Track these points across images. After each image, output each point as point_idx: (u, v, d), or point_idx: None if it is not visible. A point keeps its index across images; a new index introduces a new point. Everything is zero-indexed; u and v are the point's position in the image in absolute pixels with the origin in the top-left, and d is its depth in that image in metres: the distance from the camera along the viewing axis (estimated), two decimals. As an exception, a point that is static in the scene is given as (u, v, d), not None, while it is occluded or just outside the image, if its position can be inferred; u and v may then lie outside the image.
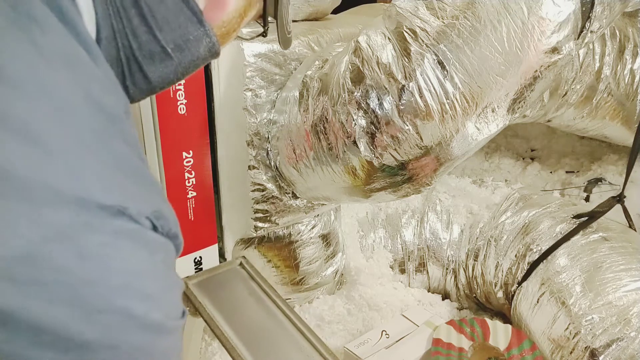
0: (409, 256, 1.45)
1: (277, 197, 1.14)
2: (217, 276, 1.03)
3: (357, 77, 0.88)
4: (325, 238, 1.30)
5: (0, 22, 0.30)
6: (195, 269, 1.10)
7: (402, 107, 0.83)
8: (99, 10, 0.38)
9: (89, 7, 0.37)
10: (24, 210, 0.28)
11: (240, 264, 1.05)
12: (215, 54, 0.48)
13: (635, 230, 1.25)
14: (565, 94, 1.39)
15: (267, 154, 1.10)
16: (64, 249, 0.28)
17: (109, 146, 0.33)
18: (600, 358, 0.98)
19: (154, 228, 0.34)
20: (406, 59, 0.83)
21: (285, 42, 0.59)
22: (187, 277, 0.95)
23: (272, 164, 1.11)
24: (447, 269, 1.43)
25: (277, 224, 1.18)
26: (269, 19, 0.54)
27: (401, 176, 0.91)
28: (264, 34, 0.56)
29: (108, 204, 0.30)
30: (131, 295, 0.31)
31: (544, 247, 1.22)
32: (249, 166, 1.09)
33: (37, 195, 0.28)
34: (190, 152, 1.01)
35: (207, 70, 0.99)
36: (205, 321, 0.91)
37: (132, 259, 0.32)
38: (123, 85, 0.44)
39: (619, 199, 1.21)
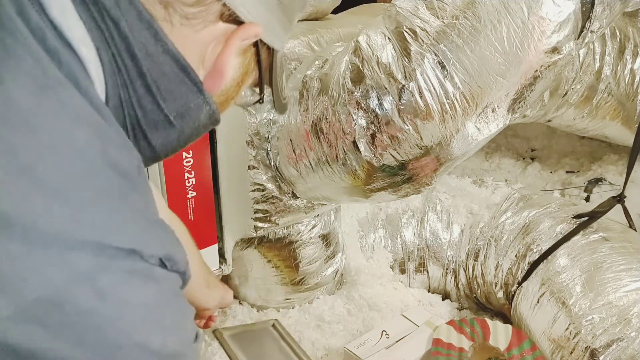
0: (409, 256, 1.45)
1: (277, 197, 1.13)
2: (251, 332, 1.05)
3: (357, 77, 0.88)
4: (325, 238, 1.30)
5: (32, 85, 0.34)
6: (195, 269, 1.10)
7: (402, 107, 0.83)
8: (108, 81, 0.40)
9: (100, 77, 0.40)
10: (51, 255, 0.30)
11: (273, 325, 1.08)
12: (216, 121, 0.50)
13: (635, 230, 1.24)
14: (566, 94, 1.39)
15: (267, 154, 1.10)
16: (85, 290, 0.31)
17: (125, 200, 0.36)
18: (601, 358, 0.98)
19: (163, 266, 0.37)
20: (406, 59, 0.83)
21: (280, 107, 0.61)
22: (223, 328, 1.00)
23: (272, 164, 1.11)
24: (447, 269, 1.43)
25: (277, 224, 1.18)
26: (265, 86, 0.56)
27: (401, 176, 0.91)
28: (260, 101, 0.58)
29: (122, 247, 0.33)
30: (147, 329, 0.33)
31: (544, 247, 1.22)
32: (249, 166, 1.09)
33: (62, 242, 0.31)
34: (190, 152, 1.01)
35: (207, 70, 0.99)
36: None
37: (145, 293, 0.34)
38: None
39: (619, 199, 1.21)
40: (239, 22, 0.46)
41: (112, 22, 0.39)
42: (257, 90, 0.55)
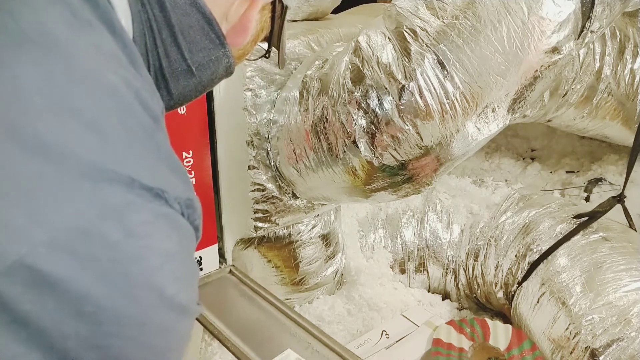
0: (409, 256, 1.45)
1: (277, 197, 1.13)
2: (209, 284, 1.08)
3: (357, 77, 0.88)
4: (325, 238, 1.30)
5: (64, 26, 0.35)
6: (195, 269, 1.10)
7: (402, 107, 0.83)
8: (136, 30, 0.42)
9: (128, 25, 0.41)
10: (85, 186, 0.31)
11: (230, 271, 1.11)
12: (230, 72, 0.52)
13: (635, 230, 1.24)
14: (566, 94, 1.39)
15: (267, 154, 1.10)
16: (114, 225, 0.31)
17: (154, 138, 0.37)
18: (601, 358, 0.98)
19: (182, 215, 0.37)
20: (406, 59, 0.83)
21: (282, 62, 0.68)
22: None
23: (272, 164, 1.11)
24: (447, 269, 1.43)
25: (277, 224, 1.18)
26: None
27: (401, 176, 0.91)
28: (267, 55, 0.62)
29: (151, 186, 0.33)
30: (166, 275, 0.34)
31: (544, 247, 1.22)
32: (249, 166, 1.09)
33: (95, 172, 0.31)
34: (190, 152, 1.01)
35: (207, 70, 0.99)
36: (202, 324, 0.95)
37: (168, 240, 0.34)
38: None
39: (619, 199, 1.21)
40: None
41: None
42: (267, 45, 0.59)
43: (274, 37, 0.57)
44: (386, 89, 0.84)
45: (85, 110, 0.32)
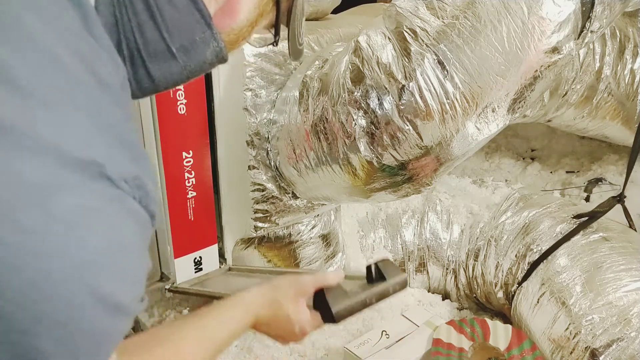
0: (409, 256, 1.45)
1: (277, 197, 1.13)
2: (211, 278, 1.11)
3: (357, 77, 0.88)
4: (325, 238, 1.30)
5: None
6: (195, 269, 1.10)
7: (402, 107, 0.83)
8: None
9: None
10: None
11: (229, 269, 1.14)
12: (223, 59, 0.47)
13: (635, 230, 1.24)
14: (566, 94, 1.39)
15: (267, 154, 1.10)
16: (33, 207, 0.25)
17: (97, 106, 0.31)
18: (601, 358, 0.98)
19: (134, 199, 0.31)
20: (406, 59, 0.83)
21: (296, 53, 0.59)
22: (179, 283, 1.09)
23: (272, 164, 1.11)
24: (447, 269, 1.43)
25: (277, 224, 1.18)
26: (281, 28, 0.54)
27: (401, 176, 0.91)
28: (274, 44, 0.55)
29: (84, 159, 0.28)
30: (102, 270, 0.28)
31: (544, 247, 1.22)
32: (249, 166, 1.09)
33: (13, 138, 0.25)
34: (190, 152, 1.01)
35: (207, 70, 0.99)
36: (201, 295, 1.03)
37: (110, 229, 0.29)
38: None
39: (619, 199, 1.21)
40: None
41: None
42: (273, 32, 0.53)
43: (281, 18, 0.51)
44: (386, 89, 0.84)
45: (1, 65, 0.27)
